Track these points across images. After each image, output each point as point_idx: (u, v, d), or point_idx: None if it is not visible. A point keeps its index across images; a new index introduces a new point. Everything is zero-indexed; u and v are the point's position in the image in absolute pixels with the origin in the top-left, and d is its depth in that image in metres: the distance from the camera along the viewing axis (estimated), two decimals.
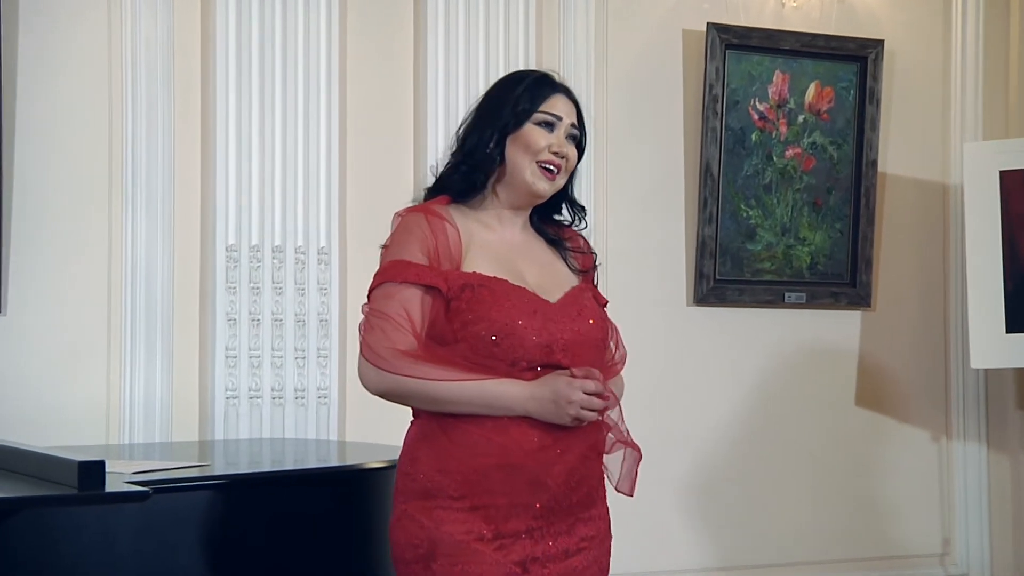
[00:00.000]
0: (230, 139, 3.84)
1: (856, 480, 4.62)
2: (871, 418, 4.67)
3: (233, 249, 3.84)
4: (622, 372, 2.38)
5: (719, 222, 4.40)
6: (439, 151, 4.04)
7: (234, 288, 3.83)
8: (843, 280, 4.59)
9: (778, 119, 4.47)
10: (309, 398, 3.88)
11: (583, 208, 2.40)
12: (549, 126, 2.28)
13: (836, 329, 4.61)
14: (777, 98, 4.46)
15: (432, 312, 2.17)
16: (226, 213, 3.83)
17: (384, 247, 2.24)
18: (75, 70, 3.71)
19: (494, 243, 2.26)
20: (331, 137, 3.93)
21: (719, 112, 4.36)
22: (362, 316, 2.21)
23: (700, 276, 4.40)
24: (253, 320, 3.85)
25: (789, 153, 4.50)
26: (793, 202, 4.51)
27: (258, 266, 3.85)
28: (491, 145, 2.26)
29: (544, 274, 2.28)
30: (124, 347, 3.71)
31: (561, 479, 2.17)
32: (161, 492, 2.34)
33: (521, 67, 4.18)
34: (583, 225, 2.39)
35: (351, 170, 3.98)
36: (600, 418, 2.21)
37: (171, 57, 3.78)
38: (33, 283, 3.65)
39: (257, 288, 3.86)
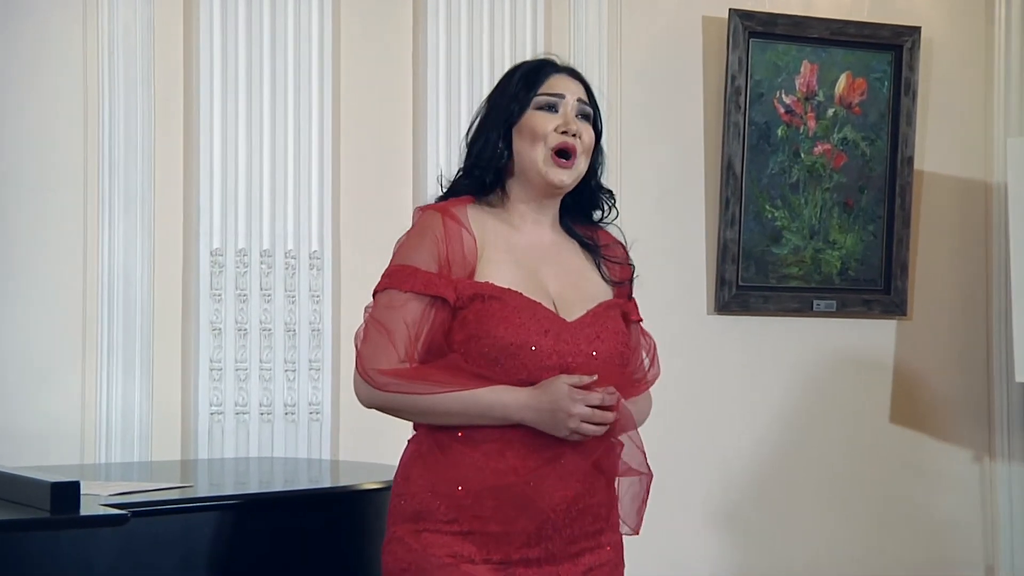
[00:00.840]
0: (215, 134, 3.84)
1: (891, 503, 4.61)
2: (907, 436, 4.66)
3: (218, 253, 3.85)
4: (651, 392, 2.38)
5: (742, 224, 4.40)
6: (440, 147, 4.06)
7: (219, 295, 3.84)
8: (876, 286, 4.58)
9: (806, 113, 4.47)
10: (300, 414, 3.88)
11: (610, 193, 2.38)
12: (552, 108, 2.27)
13: (869, 339, 4.60)
14: (805, 90, 4.46)
15: (436, 323, 2.18)
16: (210, 214, 3.84)
17: (399, 243, 2.26)
18: (46, 57, 3.72)
19: (519, 246, 2.26)
20: (324, 133, 3.94)
21: (742, 106, 4.36)
22: (363, 320, 2.22)
23: (721, 282, 4.40)
24: (240, 330, 3.85)
25: (818, 149, 4.49)
26: (822, 202, 4.51)
27: (245, 271, 3.85)
28: (498, 144, 2.26)
29: (570, 284, 2.27)
30: (100, 359, 3.71)
31: (561, 508, 2.16)
32: (140, 515, 2.33)
33: (528, 57, 4.20)
34: (613, 214, 2.38)
35: (345, 168, 3.98)
36: (602, 434, 2.17)
37: (151, 45, 3.78)
38: (4, 293, 3.64)
39: (244, 295, 3.86)
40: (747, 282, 4.43)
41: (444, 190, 2.33)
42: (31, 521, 2.05)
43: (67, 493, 2.03)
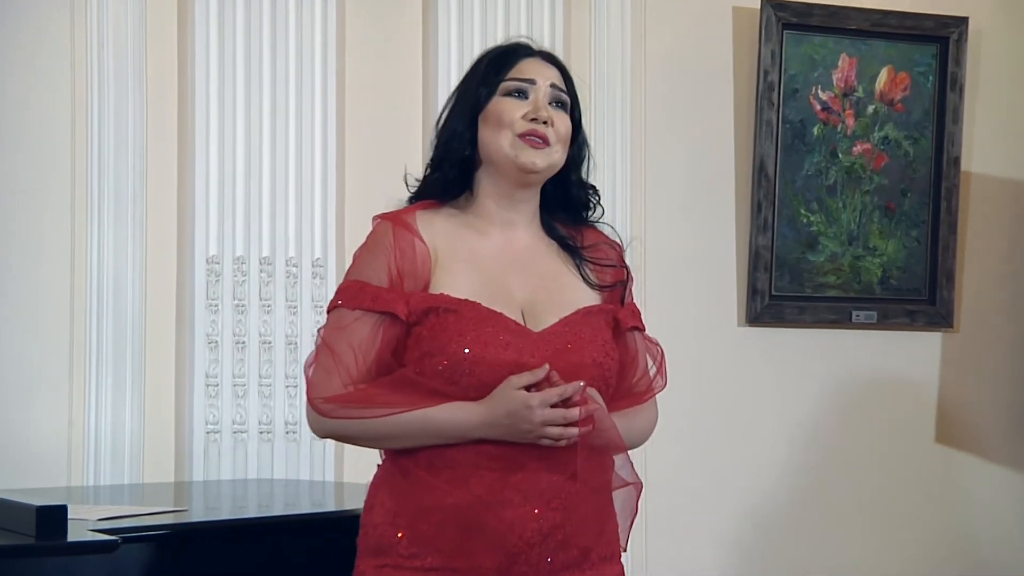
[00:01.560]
0: (211, 133, 3.85)
1: (936, 528, 4.59)
2: (953, 457, 4.64)
3: (214, 261, 3.85)
4: (654, 403, 2.31)
5: (775, 229, 4.39)
6: None
7: (215, 306, 3.84)
8: (920, 296, 4.56)
9: (844, 110, 4.46)
10: (302, 432, 3.87)
11: (594, 189, 2.32)
12: (521, 94, 2.22)
13: (912, 353, 4.58)
14: (843, 86, 4.45)
15: (388, 341, 2.15)
16: (206, 219, 3.84)
17: (353, 256, 2.25)
18: (31, 52, 3.73)
19: (484, 251, 2.21)
20: (327, 133, 3.94)
21: (775, 102, 4.36)
22: (314, 343, 2.22)
23: (753, 292, 4.39)
24: (238, 343, 3.85)
25: (857, 149, 4.48)
26: (862, 206, 4.49)
27: (243, 280, 3.86)
28: (464, 134, 2.22)
29: (542, 290, 2.21)
30: (88, 374, 3.71)
31: (536, 538, 2.08)
32: (131, 541, 2.33)
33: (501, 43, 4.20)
34: (599, 212, 2.32)
35: (350, 170, 3.98)
36: (574, 435, 2.08)
37: (143, 39, 3.79)
38: None
39: (242, 306, 3.86)
40: (781, 292, 4.42)
41: (412, 190, 2.31)
42: (15, 547, 2.05)
43: (54, 517, 2.02)
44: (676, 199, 4.35)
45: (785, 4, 4.36)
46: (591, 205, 2.31)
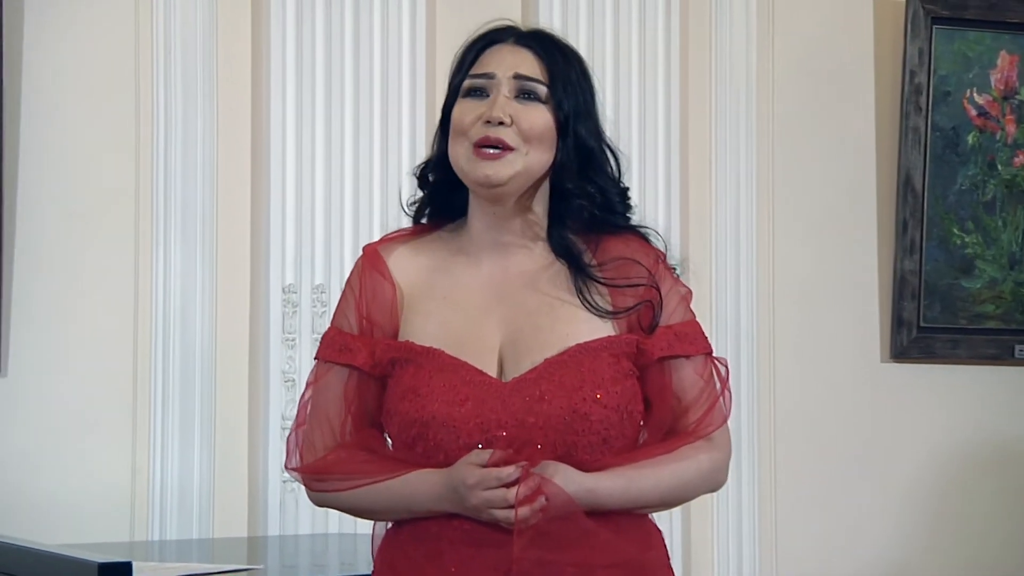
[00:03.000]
0: (288, 150, 3.88)
1: None
2: None
3: (291, 290, 3.89)
4: (716, 441, 2.15)
5: (924, 252, 4.35)
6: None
7: (292, 340, 3.87)
8: None
9: (1004, 115, 4.42)
10: None
11: (596, 199, 2.13)
12: (479, 92, 2.11)
13: None
14: (1002, 88, 4.41)
15: (357, 397, 2.14)
16: (282, 244, 3.87)
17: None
18: (92, 62, 3.78)
19: (467, 285, 2.14)
20: (416, 147, 3.96)
21: (923, 107, 4.33)
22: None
23: (899, 323, 4.35)
24: None
25: (1019, 160, 4.44)
26: None
27: (323, 312, 3.88)
28: (440, 145, 2.16)
29: (529, 327, 2.10)
30: (153, 416, 3.75)
31: None
32: None
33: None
34: (629, 218, 2.17)
35: None
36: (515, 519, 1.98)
37: (214, 45, 3.84)
38: (40, 335, 3.71)
39: None
40: (931, 323, 4.38)
41: (410, 212, 2.27)
42: None
43: (117, 575, 2.05)
44: (809, 218, 4.33)
45: None
46: (602, 216, 2.14)
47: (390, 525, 2.17)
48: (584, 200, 2.12)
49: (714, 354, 2.18)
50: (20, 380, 3.70)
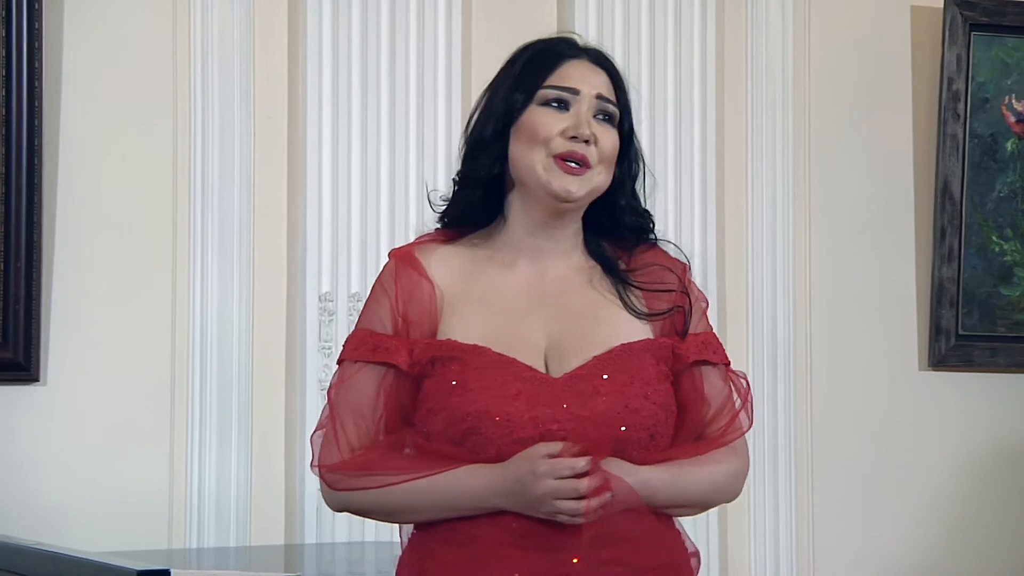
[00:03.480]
0: (324, 158, 3.90)
1: None
2: None
3: (328, 299, 3.90)
4: (738, 448, 2.19)
5: (962, 259, 4.34)
6: None
7: (329, 348, 3.88)
8: None
9: None
10: None
11: (648, 215, 2.24)
12: (561, 104, 2.15)
13: None
14: None
15: (393, 396, 2.14)
16: (319, 252, 3.88)
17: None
18: (129, 73, 3.80)
19: (506, 288, 2.17)
20: (452, 154, 3.95)
21: (961, 114, 4.31)
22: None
23: (937, 331, 4.34)
24: None
25: None
26: None
27: None
28: (494, 147, 2.17)
29: (572, 327, 2.15)
30: (190, 425, 3.76)
31: None
32: None
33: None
34: (650, 238, 2.24)
35: None
36: (582, 512, 1.99)
37: (251, 54, 3.85)
38: (78, 343, 3.73)
39: None
40: (969, 331, 4.37)
41: (438, 210, 2.27)
42: None
43: None
44: (846, 226, 4.32)
45: (973, 3, 4.31)
46: (645, 231, 2.24)
47: (413, 530, 2.17)
48: (637, 216, 2.21)
49: (732, 367, 2.26)
50: (58, 388, 3.72)
